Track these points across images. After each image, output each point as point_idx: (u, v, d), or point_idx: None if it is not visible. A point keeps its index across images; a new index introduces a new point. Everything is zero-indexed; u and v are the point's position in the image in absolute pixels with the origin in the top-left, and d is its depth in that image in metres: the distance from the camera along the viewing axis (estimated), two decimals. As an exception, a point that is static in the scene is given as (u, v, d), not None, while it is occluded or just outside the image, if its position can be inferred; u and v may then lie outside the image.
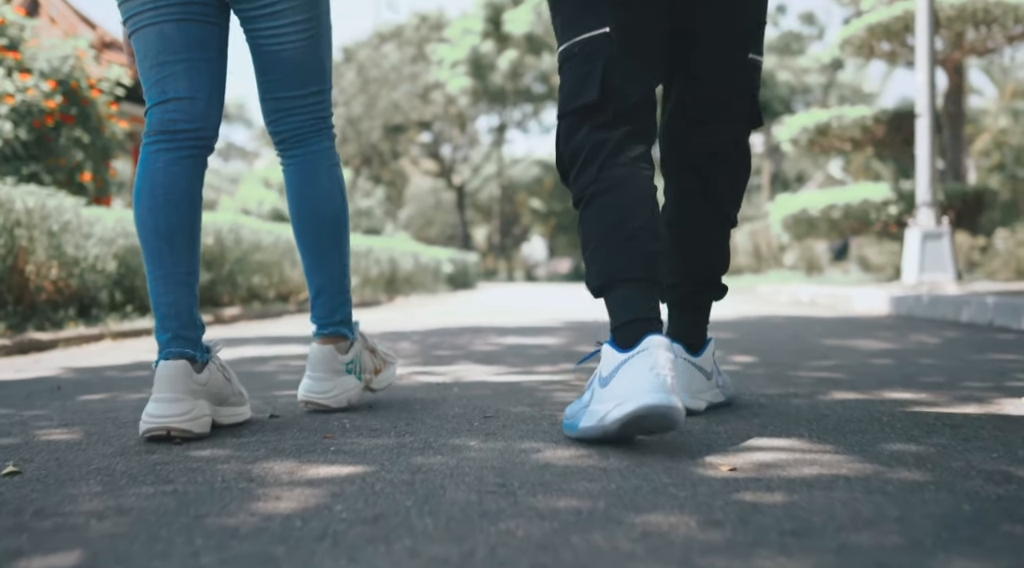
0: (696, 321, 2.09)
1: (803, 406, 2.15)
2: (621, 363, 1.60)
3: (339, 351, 2.16)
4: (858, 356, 3.44)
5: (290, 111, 2.08)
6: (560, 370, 3.08)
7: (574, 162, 1.81)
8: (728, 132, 2.04)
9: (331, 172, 2.14)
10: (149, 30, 1.90)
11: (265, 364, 3.41)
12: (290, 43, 2.01)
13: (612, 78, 1.77)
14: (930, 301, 6.64)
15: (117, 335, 5.31)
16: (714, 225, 2.08)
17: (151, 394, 1.80)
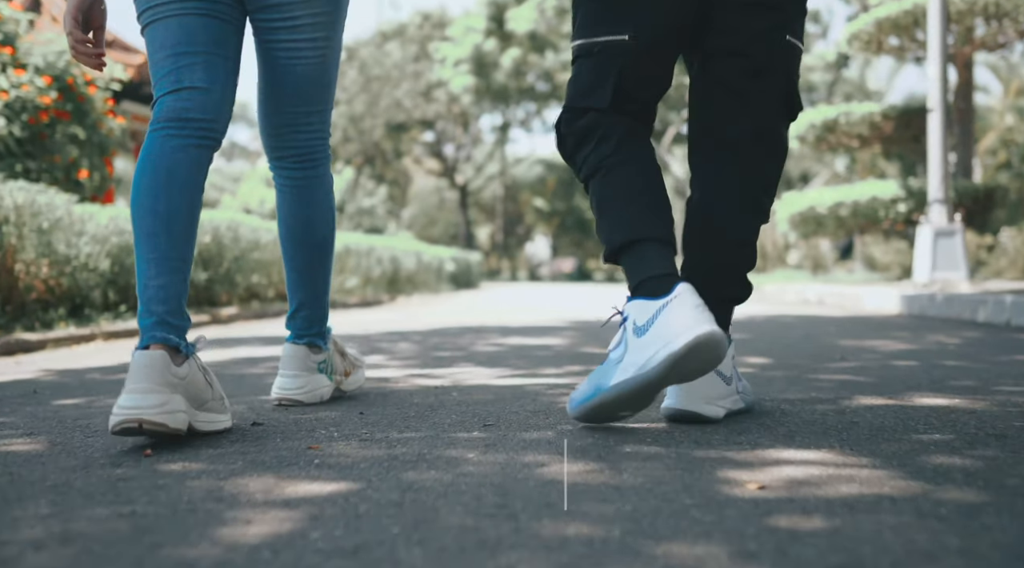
0: (716, 318, 1.84)
1: (829, 413, 1.99)
2: (661, 307, 1.65)
3: (311, 350, 2.23)
4: (878, 358, 3.28)
5: (296, 128, 2.09)
6: (566, 372, 2.92)
7: (587, 139, 1.86)
8: (762, 116, 1.92)
9: (327, 198, 2.20)
10: (171, 21, 1.86)
11: (256, 366, 3.26)
12: (305, 58, 2.01)
13: (624, 88, 1.83)
14: (944, 300, 6.48)
15: (109, 335, 5.16)
16: (744, 217, 1.94)
17: (124, 386, 1.67)
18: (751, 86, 1.90)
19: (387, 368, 3.14)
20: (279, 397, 2.18)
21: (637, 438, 1.70)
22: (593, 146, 1.85)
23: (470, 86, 33.24)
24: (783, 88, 1.92)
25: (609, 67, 1.83)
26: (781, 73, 1.91)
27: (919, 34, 10.67)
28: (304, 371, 2.20)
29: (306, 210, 2.17)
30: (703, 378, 1.80)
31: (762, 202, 1.98)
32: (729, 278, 1.94)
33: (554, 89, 34.19)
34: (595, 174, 1.85)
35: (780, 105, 1.94)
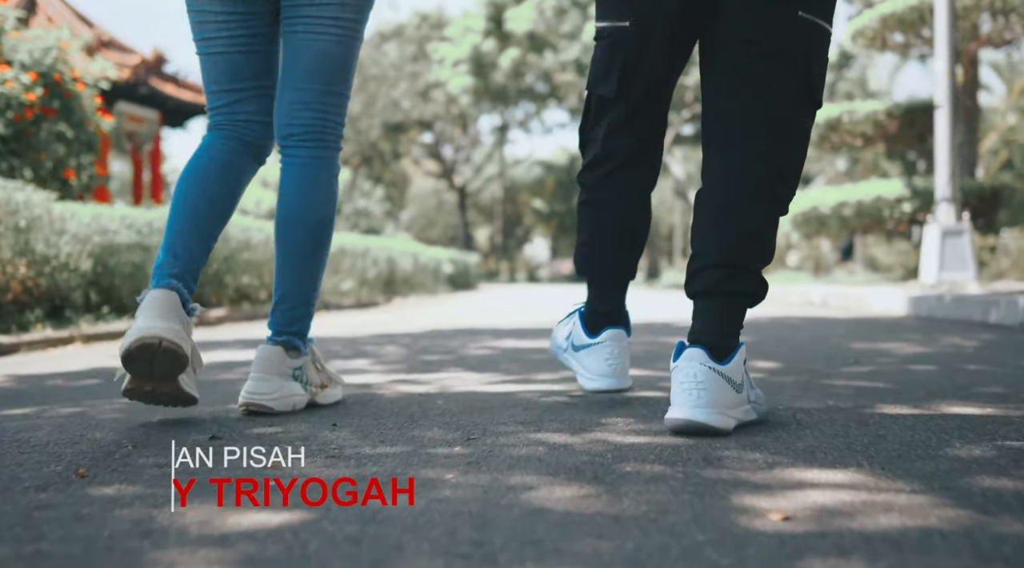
0: (724, 315, 1.77)
1: (851, 425, 1.79)
2: (587, 345, 2.14)
3: (288, 355, 2.06)
4: (894, 361, 3.08)
5: (308, 105, 2.03)
6: (560, 378, 2.73)
7: (587, 150, 2.08)
8: (777, 104, 1.78)
9: (329, 183, 2.09)
10: (219, 58, 2.04)
11: (231, 370, 3.06)
12: (326, 36, 2.01)
13: (628, 76, 1.91)
14: (953, 301, 6.28)
15: (88, 338, 4.96)
16: (756, 207, 1.80)
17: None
18: (761, 71, 1.78)
19: (370, 373, 2.94)
20: (246, 402, 1.99)
21: (639, 454, 1.50)
22: (589, 162, 2.07)
23: (468, 87, 33.05)
24: (800, 73, 1.78)
25: (615, 54, 1.91)
26: (797, 57, 1.77)
27: (924, 31, 10.48)
28: (277, 376, 2.01)
29: (306, 189, 2.06)
30: (710, 385, 1.66)
31: (777, 192, 1.82)
32: (740, 273, 1.78)
33: (553, 90, 34.00)
34: (581, 193, 2.14)
35: (798, 91, 1.79)
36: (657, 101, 2.00)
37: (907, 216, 10.89)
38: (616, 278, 2.15)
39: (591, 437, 1.68)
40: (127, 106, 16.61)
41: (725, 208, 1.79)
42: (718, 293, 1.77)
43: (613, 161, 2.04)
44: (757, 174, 1.79)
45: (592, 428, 1.78)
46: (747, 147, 1.79)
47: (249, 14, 2.03)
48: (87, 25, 16.56)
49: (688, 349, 1.69)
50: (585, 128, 2.07)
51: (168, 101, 16.97)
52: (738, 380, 1.71)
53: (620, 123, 1.99)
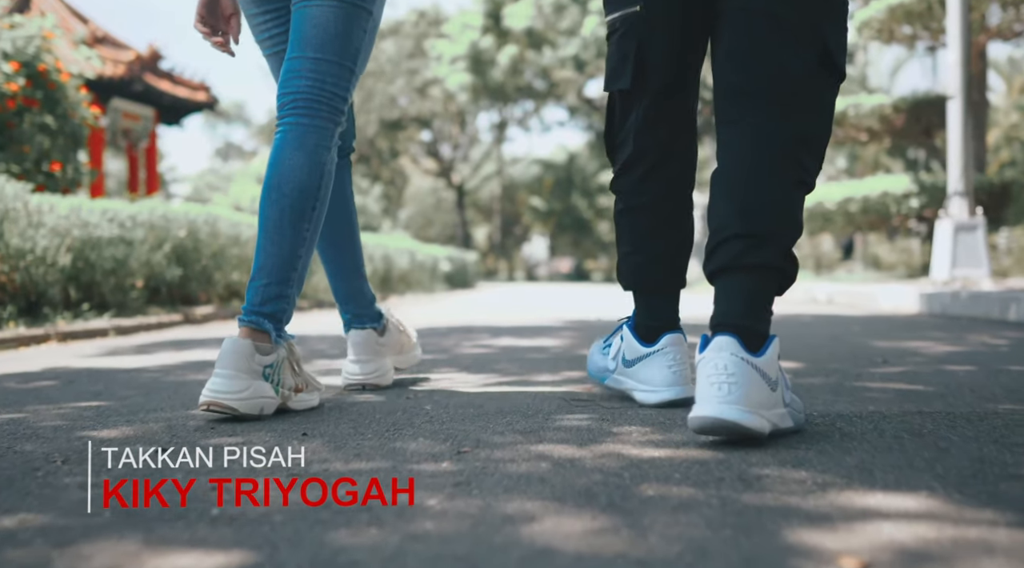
0: (750, 294, 1.54)
1: (903, 435, 1.54)
2: (643, 355, 1.94)
3: (258, 350, 1.81)
4: (926, 361, 2.83)
5: (298, 73, 1.92)
6: (563, 379, 2.48)
7: (618, 154, 1.93)
8: (790, 74, 1.62)
9: (316, 151, 1.91)
10: (273, 58, 2.12)
11: (203, 371, 2.81)
12: (317, 4, 1.92)
13: (644, 62, 1.80)
14: (969, 298, 6.03)
15: (65, 336, 4.71)
16: (781, 177, 1.60)
17: (348, 357, 2.32)
18: (768, 39, 1.63)
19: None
20: (208, 401, 1.74)
21: (661, 472, 1.26)
22: (621, 168, 1.93)
23: (466, 84, 32.79)
24: (811, 40, 1.62)
25: (629, 42, 1.82)
26: (806, 24, 1.62)
27: (932, 22, 10.23)
28: (245, 373, 1.77)
29: (287, 155, 1.90)
30: (743, 378, 1.42)
31: (802, 159, 1.62)
32: (765, 243, 1.55)
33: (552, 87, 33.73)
34: (617, 202, 1.98)
35: (810, 59, 1.62)
36: (681, 88, 1.86)
37: (914, 212, 10.63)
38: (668, 288, 1.96)
39: (602, 450, 1.43)
40: (122, 103, 16.35)
41: (744, 178, 1.61)
42: (741, 268, 1.55)
43: (648, 158, 1.89)
44: (776, 143, 1.61)
45: (603, 439, 1.53)
46: (762, 117, 1.62)
47: (281, 9, 2.06)
48: (81, 21, 16.31)
49: (716, 338, 1.46)
50: (611, 132, 1.94)
51: (164, 98, 16.74)
52: (773, 376, 1.47)
53: (647, 116, 1.86)
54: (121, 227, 6.01)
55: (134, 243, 6.06)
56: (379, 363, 2.31)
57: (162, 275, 6.45)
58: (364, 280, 2.34)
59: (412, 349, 2.49)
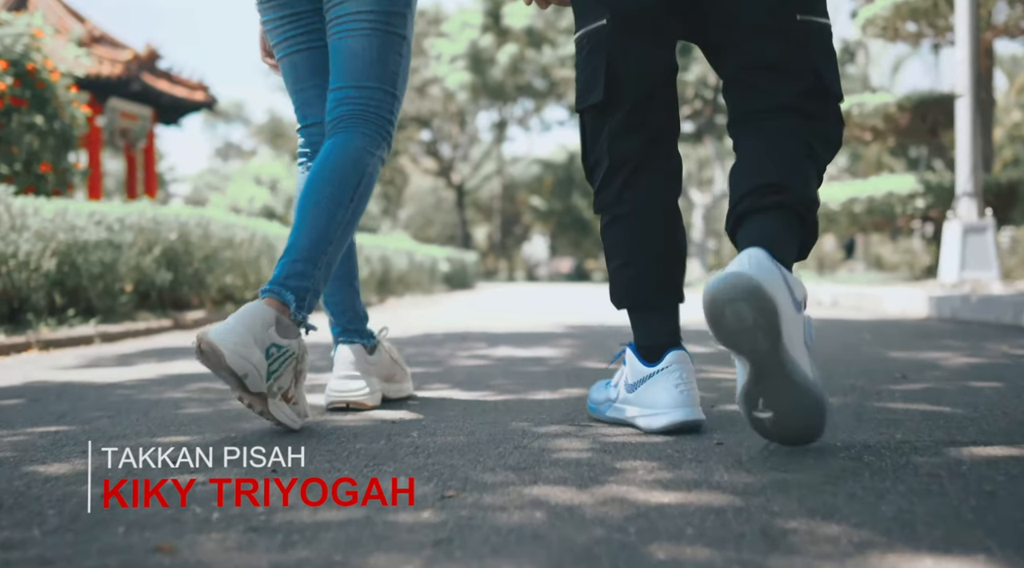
0: (775, 225, 1.60)
1: (940, 474, 1.38)
2: (647, 376, 1.77)
3: (275, 322, 1.76)
4: (947, 376, 2.67)
5: (342, 101, 1.99)
6: (562, 398, 2.32)
7: (596, 171, 1.83)
8: (793, 102, 1.68)
9: (359, 156, 1.94)
10: (285, 61, 2.12)
11: (180, 387, 2.65)
12: (351, 31, 1.98)
13: (615, 73, 1.75)
14: (979, 302, 5.87)
15: (47, 344, 4.55)
16: (796, 157, 1.66)
17: (333, 374, 2.17)
18: (768, 81, 1.70)
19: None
20: (199, 336, 1.68)
21: (672, 525, 1.10)
22: (601, 181, 1.82)
23: (466, 83, 32.63)
24: (810, 81, 1.68)
25: (598, 56, 1.77)
26: (804, 69, 1.68)
27: (939, 19, 10.07)
28: (248, 332, 1.70)
29: (336, 151, 1.94)
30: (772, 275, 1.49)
31: (815, 147, 1.68)
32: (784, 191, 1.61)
33: (552, 86, 33.57)
34: (600, 215, 1.87)
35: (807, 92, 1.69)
36: (655, 98, 1.79)
37: (920, 212, 10.47)
38: (665, 302, 1.82)
39: (604, 493, 1.27)
40: (120, 102, 16.22)
41: (760, 158, 1.68)
42: (759, 210, 1.61)
43: (628, 166, 1.79)
44: (792, 138, 1.68)
45: (605, 477, 1.37)
46: (775, 126, 1.69)
47: (299, 14, 2.08)
48: (79, 20, 16.16)
49: (748, 249, 1.51)
50: (587, 151, 1.85)
51: (162, 97, 16.63)
52: (800, 297, 1.53)
53: (622, 127, 1.78)
54: (109, 230, 5.85)
55: (122, 246, 5.90)
56: (366, 381, 2.15)
57: (151, 279, 6.29)
58: (357, 295, 2.25)
59: (402, 380, 2.33)
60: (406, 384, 2.35)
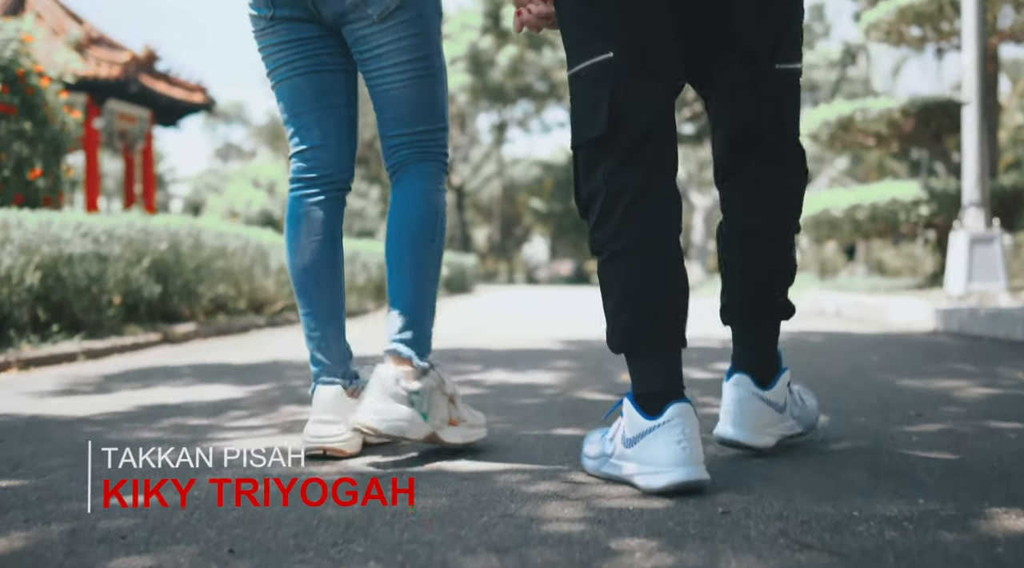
0: (762, 345, 1.95)
1: (975, 557, 1.24)
2: (646, 431, 1.65)
3: (402, 376, 1.92)
4: (966, 414, 2.52)
5: (399, 147, 2.08)
6: (556, 438, 2.18)
7: (591, 207, 1.75)
8: (766, 141, 1.88)
9: (429, 197, 2.07)
10: (284, 85, 2.08)
11: (152, 425, 2.49)
12: (396, 82, 2.03)
13: (619, 106, 1.70)
14: (988, 316, 5.73)
15: (28, 363, 4.42)
16: (776, 234, 1.93)
17: (311, 416, 2.01)
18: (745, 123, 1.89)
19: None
20: (360, 425, 1.87)
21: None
22: (597, 217, 1.73)
23: (466, 85, 32.52)
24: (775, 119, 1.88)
25: (600, 89, 1.71)
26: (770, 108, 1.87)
27: (943, 24, 9.92)
28: (389, 397, 1.89)
29: (405, 198, 2.07)
30: (751, 410, 1.90)
31: (789, 216, 1.96)
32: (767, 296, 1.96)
33: (552, 88, 33.45)
34: (597, 254, 1.77)
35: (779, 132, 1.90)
36: (656, 134, 1.73)
37: (924, 220, 10.32)
38: (666, 346, 1.69)
39: None
40: (117, 104, 16.10)
41: (755, 240, 1.93)
42: (755, 326, 1.95)
43: (624, 197, 1.70)
44: (781, 201, 1.93)
45: (599, 563, 1.23)
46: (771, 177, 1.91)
47: (303, 39, 2.06)
48: (77, 21, 16.03)
49: (735, 375, 1.92)
50: (581, 186, 1.77)
51: (160, 99, 16.53)
52: (780, 402, 1.94)
53: (621, 162, 1.70)
54: (96, 242, 5.71)
55: (109, 259, 5.76)
56: (345, 426, 2.00)
57: (140, 291, 6.15)
58: (342, 331, 2.13)
59: None
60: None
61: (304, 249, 2.07)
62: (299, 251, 2.08)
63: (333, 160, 2.11)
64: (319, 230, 2.08)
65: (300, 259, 2.08)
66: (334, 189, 2.12)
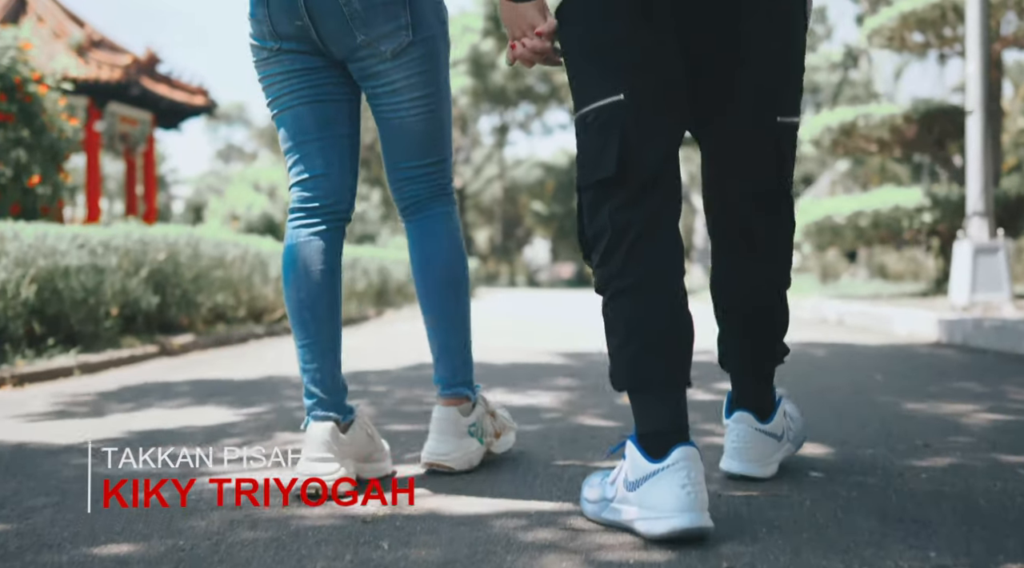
0: (762, 388, 2.04)
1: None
2: (650, 474, 1.60)
3: (462, 413, 2.16)
4: (974, 445, 2.46)
5: (411, 180, 2.14)
6: (555, 473, 2.12)
7: (596, 245, 1.75)
8: (760, 196, 1.91)
9: (451, 235, 2.17)
10: (287, 113, 2.07)
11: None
12: (410, 117, 2.07)
13: (629, 148, 1.70)
14: (993, 328, 5.67)
15: (22, 380, 4.37)
16: (770, 285, 1.99)
17: (303, 454, 1.96)
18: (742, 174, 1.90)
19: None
20: (429, 462, 2.12)
21: None
22: (602, 255, 1.72)
23: (467, 87, 32.50)
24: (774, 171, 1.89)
25: (609, 132, 1.70)
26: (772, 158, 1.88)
27: (946, 30, 9.87)
28: (455, 437, 2.13)
29: (428, 246, 2.16)
30: (755, 443, 2.00)
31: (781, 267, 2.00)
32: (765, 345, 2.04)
33: (553, 90, 33.44)
34: (601, 292, 1.76)
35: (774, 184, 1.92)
36: (664, 175, 1.74)
37: (928, 227, 10.26)
38: (671, 385, 1.67)
39: None
40: (119, 107, 16.09)
41: (750, 292, 1.99)
42: (754, 373, 2.04)
43: (630, 234, 1.69)
44: (773, 252, 1.97)
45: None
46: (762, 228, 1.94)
47: (308, 70, 2.05)
48: (78, 24, 16.00)
49: (737, 412, 2.03)
50: (585, 227, 1.77)
51: (161, 102, 16.53)
52: (779, 432, 2.06)
53: (628, 201, 1.70)
54: (92, 254, 5.66)
55: (106, 270, 5.71)
56: (339, 464, 1.95)
57: (137, 302, 6.10)
58: (338, 364, 2.08)
59: (381, 459, 2.14)
60: (385, 463, 2.15)
61: (303, 281, 2.04)
62: (298, 283, 2.05)
63: (335, 189, 2.09)
64: (320, 261, 2.05)
65: (298, 292, 2.04)
66: (335, 219, 2.10)
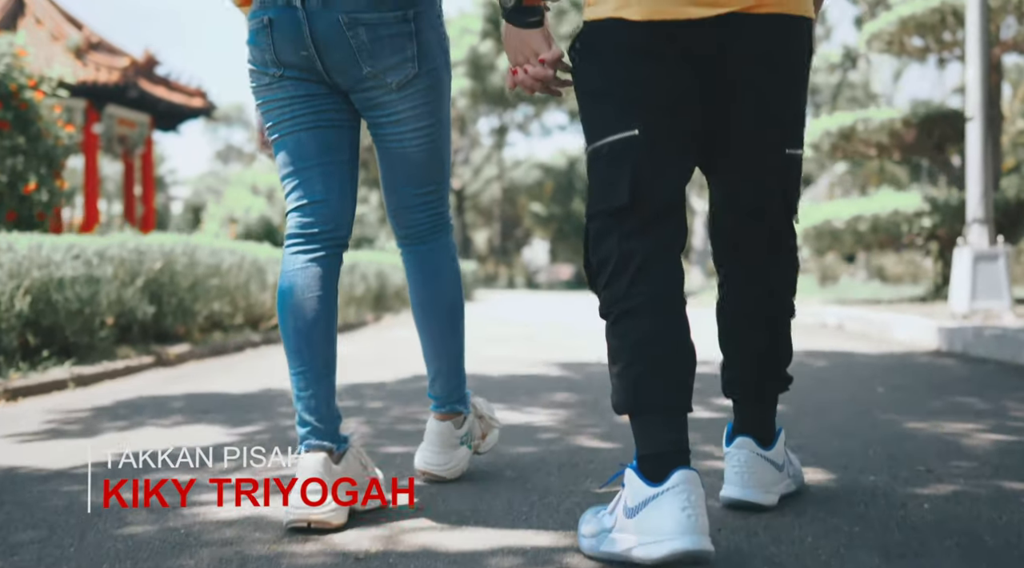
0: (765, 415, 2.04)
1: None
2: (650, 498, 1.59)
3: (455, 426, 2.30)
4: (977, 471, 2.42)
5: (411, 208, 2.20)
6: (551, 506, 2.09)
7: (602, 271, 1.77)
8: (767, 227, 1.95)
9: (450, 266, 2.26)
10: (288, 138, 2.06)
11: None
12: (412, 146, 2.11)
13: (641, 182, 1.73)
14: (994, 337, 5.64)
15: (15, 394, 4.33)
16: (774, 316, 2.00)
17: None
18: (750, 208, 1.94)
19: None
20: (423, 469, 2.28)
21: None
22: (607, 280, 1.74)
23: (466, 89, 32.45)
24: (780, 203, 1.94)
25: (623, 165, 1.73)
26: (778, 191, 1.92)
27: (945, 34, 9.84)
28: (448, 448, 2.30)
29: (431, 280, 2.24)
30: (757, 469, 1.98)
31: (784, 298, 2.02)
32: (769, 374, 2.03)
33: (552, 92, 33.25)
34: (605, 316, 1.77)
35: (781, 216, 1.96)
36: (673, 207, 1.78)
37: (927, 231, 10.23)
38: (673, 408, 1.67)
39: None
40: (117, 109, 16.05)
41: (755, 323, 1.99)
42: (757, 400, 2.03)
43: (636, 259, 1.72)
44: (778, 284, 2.00)
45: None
46: (767, 260, 1.98)
47: (310, 96, 2.05)
48: (76, 26, 15.96)
49: (738, 438, 2.01)
50: (591, 255, 1.78)
51: (159, 104, 16.49)
52: (780, 461, 2.05)
53: (635, 231, 1.73)
54: (87, 264, 5.63)
55: (102, 280, 5.67)
56: (330, 497, 1.92)
57: (133, 312, 6.06)
58: (332, 391, 2.05)
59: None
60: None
61: (299, 310, 2.02)
62: (294, 312, 2.02)
63: (335, 215, 2.07)
64: (317, 288, 2.03)
65: (295, 320, 2.02)
66: (334, 245, 2.08)
